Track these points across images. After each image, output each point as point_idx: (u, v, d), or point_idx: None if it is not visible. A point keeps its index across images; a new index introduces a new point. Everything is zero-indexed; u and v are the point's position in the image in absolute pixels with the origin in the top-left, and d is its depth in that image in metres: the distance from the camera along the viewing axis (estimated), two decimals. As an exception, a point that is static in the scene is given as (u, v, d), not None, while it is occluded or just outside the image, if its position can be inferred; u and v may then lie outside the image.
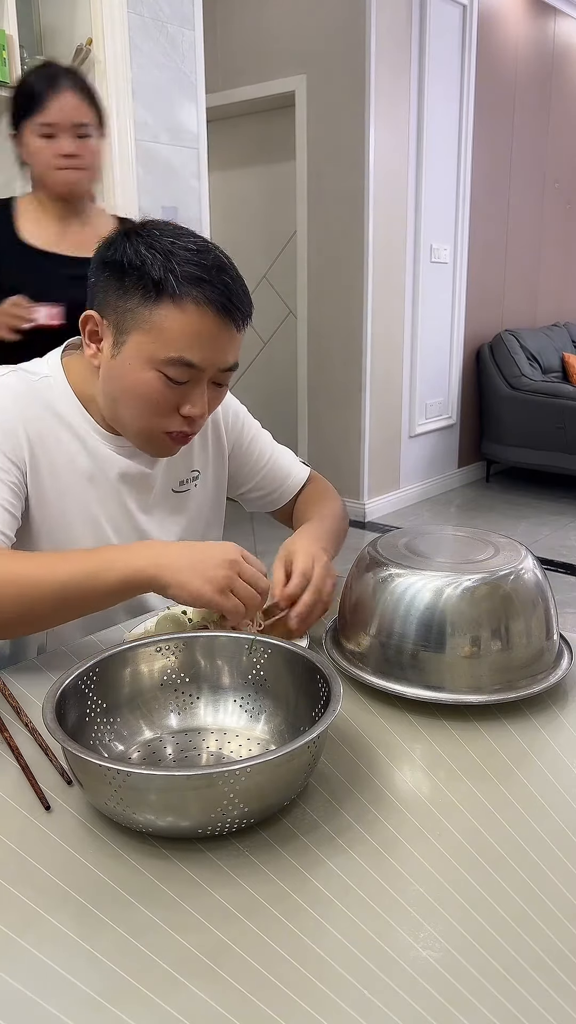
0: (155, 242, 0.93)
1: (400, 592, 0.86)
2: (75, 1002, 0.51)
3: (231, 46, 4.10)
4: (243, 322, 0.97)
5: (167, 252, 0.91)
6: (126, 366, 0.95)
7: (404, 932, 0.57)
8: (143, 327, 0.93)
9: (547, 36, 4.78)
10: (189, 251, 0.92)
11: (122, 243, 0.94)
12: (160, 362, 0.93)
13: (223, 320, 0.93)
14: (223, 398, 1.05)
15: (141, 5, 2.52)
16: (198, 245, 0.94)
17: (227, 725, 0.82)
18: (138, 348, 0.94)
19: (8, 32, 2.17)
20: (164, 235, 0.94)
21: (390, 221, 3.97)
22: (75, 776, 0.70)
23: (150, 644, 0.84)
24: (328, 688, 0.72)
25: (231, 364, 0.98)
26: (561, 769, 0.76)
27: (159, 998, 0.52)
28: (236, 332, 0.96)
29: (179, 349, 0.92)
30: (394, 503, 4.38)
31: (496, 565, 0.88)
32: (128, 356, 0.95)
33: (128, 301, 0.93)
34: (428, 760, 0.78)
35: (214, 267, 0.93)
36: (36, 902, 0.60)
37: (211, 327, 0.93)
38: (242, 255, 4.89)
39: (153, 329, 0.92)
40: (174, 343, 0.92)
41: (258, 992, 0.52)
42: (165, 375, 0.94)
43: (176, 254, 0.91)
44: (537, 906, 0.59)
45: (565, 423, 4.34)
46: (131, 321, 0.93)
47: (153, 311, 0.92)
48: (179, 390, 0.96)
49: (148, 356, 0.93)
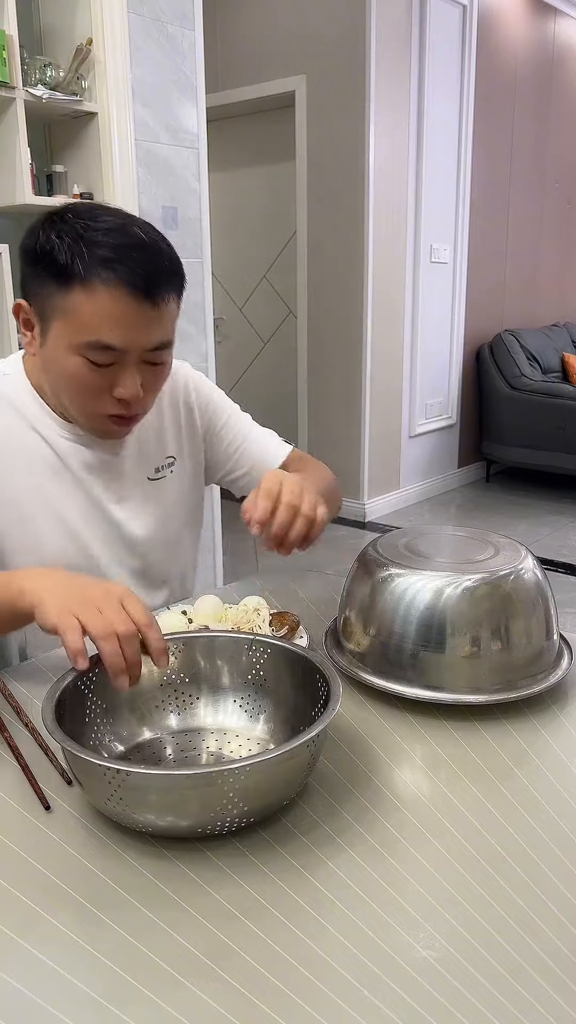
0: (67, 227, 0.91)
1: (400, 592, 0.86)
2: (75, 1002, 0.51)
3: (231, 46, 4.10)
4: (165, 298, 0.93)
5: (77, 236, 0.90)
6: (53, 353, 0.95)
7: (404, 932, 0.57)
8: (59, 314, 0.92)
9: (547, 36, 4.78)
10: (101, 231, 0.90)
11: (38, 229, 0.93)
12: (79, 347, 0.92)
13: (138, 299, 0.90)
14: (163, 378, 1.01)
15: (141, 5, 2.52)
16: (113, 225, 0.92)
17: (227, 725, 0.82)
18: (59, 335, 0.93)
19: (8, 32, 2.17)
20: (78, 218, 0.92)
21: (390, 221, 3.96)
22: (75, 776, 0.70)
23: None
24: (327, 687, 0.72)
25: (157, 342, 0.95)
26: (561, 769, 0.76)
27: (159, 998, 0.52)
28: (156, 309, 0.92)
29: (95, 333, 0.91)
30: (394, 503, 4.38)
31: (496, 565, 0.88)
32: (52, 343, 0.94)
33: (44, 288, 0.92)
34: (428, 760, 0.78)
35: (126, 246, 0.90)
36: (36, 902, 0.60)
37: (125, 308, 0.90)
38: (242, 255, 4.90)
39: (68, 315, 0.91)
40: (89, 327, 0.90)
41: (258, 992, 0.52)
42: (88, 359, 0.92)
43: (86, 237, 0.89)
44: (537, 906, 0.59)
45: (565, 423, 4.34)
46: (49, 308, 0.93)
47: (66, 297, 0.90)
48: (107, 373, 0.94)
49: (68, 342, 0.92)
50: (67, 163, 2.58)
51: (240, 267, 4.58)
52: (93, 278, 0.89)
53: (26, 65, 2.31)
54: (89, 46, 2.40)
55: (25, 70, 2.30)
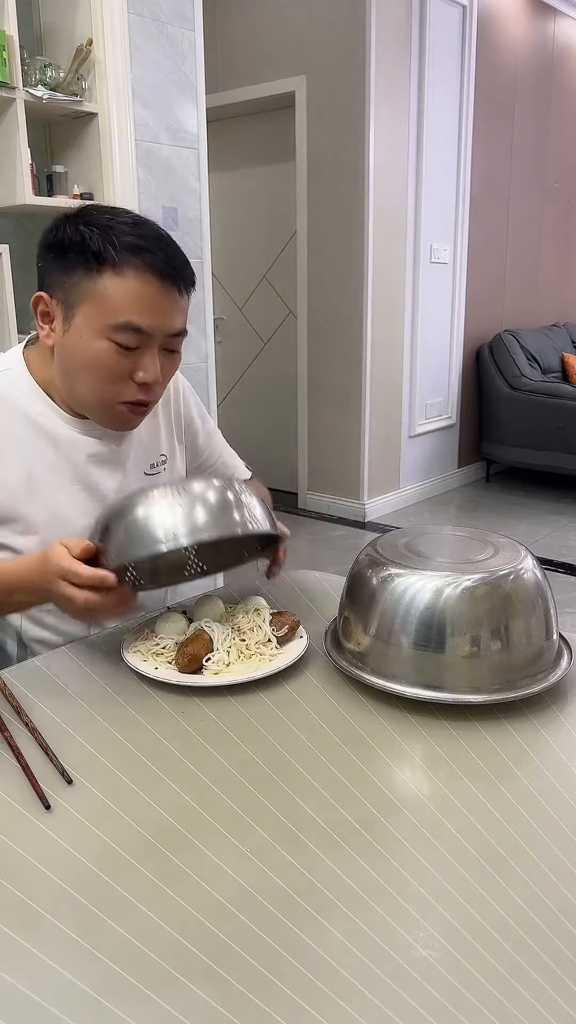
0: (92, 219, 0.96)
1: (400, 592, 0.86)
2: (75, 1002, 0.52)
3: (231, 46, 4.10)
4: (186, 288, 0.99)
5: (105, 227, 0.95)
6: (78, 339, 0.98)
7: (404, 932, 0.57)
8: (89, 298, 0.95)
9: (547, 36, 4.78)
10: (126, 224, 0.96)
11: (63, 225, 0.98)
12: (108, 329, 0.95)
13: (165, 284, 0.96)
14: (177, 366, 1.06)
15: (141, 5, 2.52)
16: (135, 219, 0.98)
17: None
18: (87, 319, 0.96)
19: (8, 32, 2.17)
20: (101, 213, 0.98)
21: (390, 221, 3.97)
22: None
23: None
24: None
25: (179, 329, 1.00)
26: (561, 769, 0.76)
27: (159, 998, 0.52)
28: (180, 297, 0.99)
29: (125, 314, 0.95)
30: (394, 503, 4.38)
31: (496, 565, 0.88)
32: (78, 329, 0.97)
33: (72, 276, 0.96)
34: (428, 760, 0.78)
35: (152, 236, 0.96)
36: (36, 902, 0.60)
37: (154, 291, 0.95)
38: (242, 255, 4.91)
39: (98, 298, 0.95)
40: (120, 309, 0.95)
41: (258, 992, 0.52)
42: (115, 343, 0.96)
43: (114, 227, 0.95)
44: (537, 906, 0.59)
45: (565, 423, 4.34)
46: (77, 295, 0.96)
47: (96, 281, 0.95)
48: (131, 357, 0.98)
49: (97, 326, 0.96)
50: (67, 163, 2.58)
51: (240, 267, 4.58)
52: (124, 263, 0.94)
53: (26, 65, 2.31)
54: (89, 46, 2.40)
55: (25, 70, 2.30)
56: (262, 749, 0.79)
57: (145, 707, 0.86)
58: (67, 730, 0.82)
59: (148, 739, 0.81)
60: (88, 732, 0.82)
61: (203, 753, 0.79)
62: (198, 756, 0.79)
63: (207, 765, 0.77)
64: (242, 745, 0.80)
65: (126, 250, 0.94)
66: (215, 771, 0.76)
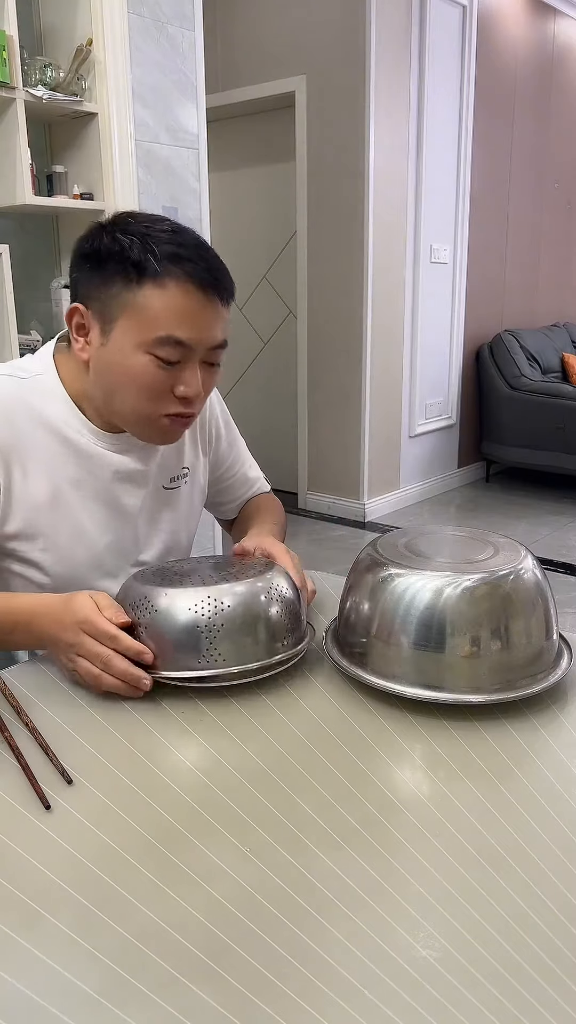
0: (130, 228, 0.93)
1: (400, 592, 0.86)
2: (75, 1002, 0.51)
3: (231, 46, 4.10)
4: (227, 298, 0.96)
5: (143, 235, 0.92)
6: (116, 353, 0.95)
7: (404, 932, 0.57)
8: (129, 311, 0.93)
9: (547, 36, 4.78)
10: (165, 232, 0.93)
11: (99, 234, 0.95)
12: (149, 343, 0.93)
13: (207, 295, 0.93)
14: (217, 379, 1.03)
15: (141, 5, 2.52)
16: (173, 227, 0.95)
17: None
18: (126, 333, 0.93)
19: (8, 32, 2.17)
20: (139, 222, 0.95)
21: (390, 221, 3.97)
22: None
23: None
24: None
25: (220, 341, 0.97)
26: (561, 769, 0.76)
27: (159, 998, 0.52)
28: (221, 307, 0.95)
29: (167, 328, 0.92)
30: (394, 503, 4.38)
31: (496, 565, 0.88)
32: (117, 343, 0.94)
33: (111, 288, 0.93)
34: (428, 760, 0.78)
35: (192, 245, 0.93)
36: (36, 902, 0.60)
37: (195, 303, 0.92)
38: (242, 255, 4.90)
39: (139, 311, 0.92)
40: (161, 322, 0.92)
41: (258, 992, 0.52)
42: (156, 356, 0.93)
43: (153, 236, 0.92)
44: (537, 906, 0.59)
45: (565, 423, 4.34)
46: (116, 307, 0.93)
47: (136, 293, 0.92)
48: (172, 371, 0.95)
49: (137, 339, 0.93)
50: (67, 163, 2.58)
51: (240, 267, 4.58)
52: (165, 274, 0.91)
53: (26, 65, 2.31)
54: (89, 46, 2.40)
55: (25, 70, 2.30)
56: (262, 749, 0.79)
57: (145, 707, 0.86)
58: (67, 730, 0.82)
59: (148, 739, 0.81)
60: (88, 732, 0.82)
61: (203, 753, 0.79)
62: (198, 756, 0.79)
63: (207, 765, 0.77)
64: (242, 745, 0.80)
65: (167, 259, 0.91)
66: (215, 771, 0.76)
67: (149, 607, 0.89)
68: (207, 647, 0.87)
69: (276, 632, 0.91)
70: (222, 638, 0.87)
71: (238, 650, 0.88)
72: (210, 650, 0.87)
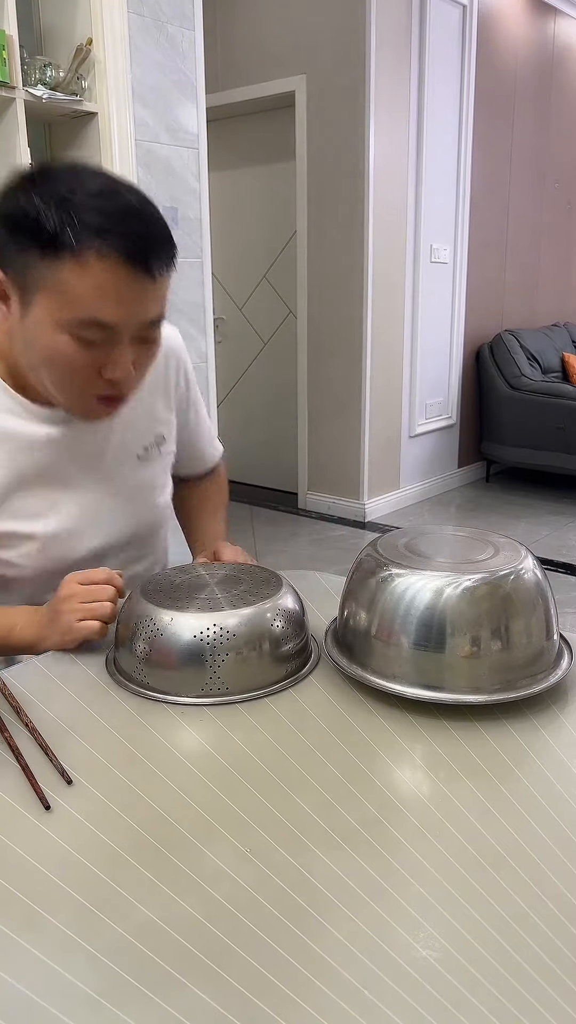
0: (51, 189, 0.82)
1: (400, 592, 0.86)
2: (75, 1002, 0.51)
3: (231, 46, 4.10)
4: (162, 269, 0.87)
5: (62, 200, 0.81)
6: (36, 329, 0.87)
7: (404, 932, 0.57)
8: (46, 287, 0.84)
9: (547, 36, 4.78)
10: (90, 196, 0.82)
11: (16, 191, 0.84)
12: (68, 324, 0.85)
13: (134, 271, 0.83)
14: (154, 355, 0.95)
15: (141, 5, 2.52)
16: (102, 188, 0.84)
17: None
18: (45, 310, 0.85)
19: (8, 32, 2.17)
20: (62, 182, 0.83)
21: (390, 221, 3.97)
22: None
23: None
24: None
25: (153, 318, 0.89)
26: (561, 769, 0.76)
27: (159, 998, 0.52)
28: (154, 282, 0.86)
29: (87, 309, 0.84)
30: (394, 503, 4.38)
31: (496, 565, 0.87)
32: (36, 319, 0.86)
33: (27, 257, 0.83)
34: (428, 760, 0.78)
35: (118, 212, 0.83)
36: (36, 902, 0.60)
37: (120, 281, 0.83)
38: (242, 255, 4.90)
39: (56, 289, 0.83)
40: (81, 303, 0.83)
41: (258, 992, 0.52)
42: (77, 337, 0.86)
43: (73, 202, 0.81)
44: (537, 906, 0.59)
45: (565, 423, 4.34)
46: (32, 280, 0.84)
47: (53, 269, 0.82)
48: (97, 351, 0.87)
49: (55, 318, 0.85)
50: (67, 163, 2.57)
51: (240, 267, 4.58)
52: (85, 250, 0.81)
53: (26, 65, 2.31)
54: (89, 46, 2.40)
55: (25, 70, 2.30)
56: (262, 749, 0.79)
57: (145, 707, 0.86)
58: (67, 730, 0.82)
59: (148, 739, 0.81)
60: (88, 732, 0.82)
61: (203, 753, 0.79)
62: (198, 756, 0.79)
63: (207, 765, 0.77)
64: (242, 745, 0.80)
65: (89, 232, 0.80)
66: (215, 771, 0.76)
67: (153, 629, 0.88)
68: (211, 675, 0.87)
69: (282, 657, 0.91)
70: (227, 666, 0.87)
71: (242, 677, 0.88)
72: (213, 678, 0.87)
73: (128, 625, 0.91)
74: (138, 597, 0.92)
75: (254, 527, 4.03)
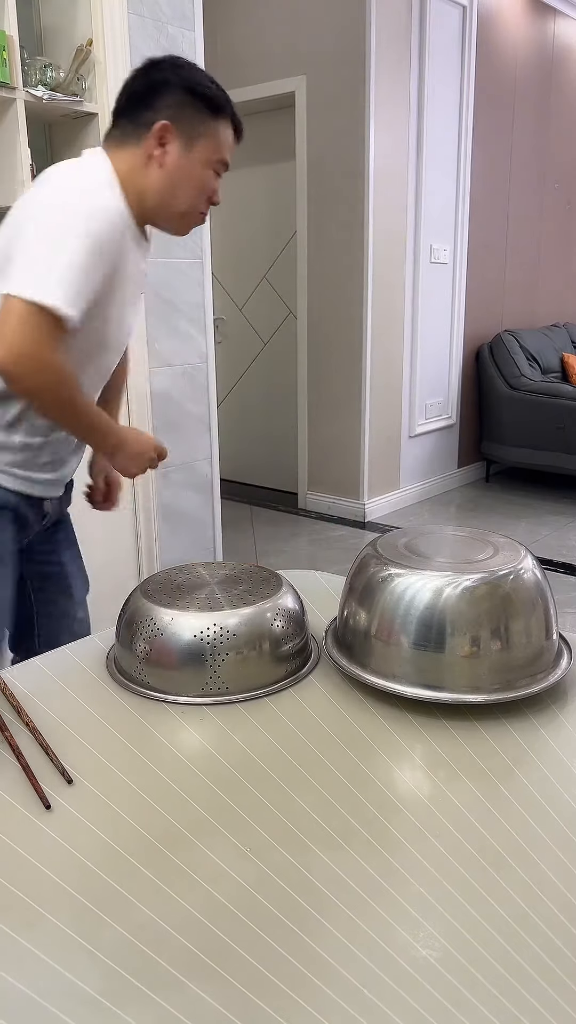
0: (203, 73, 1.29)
1: (400, 592, 0.86)
2: (75, 1002, 0.52)
3: (231, 46, 4.10)
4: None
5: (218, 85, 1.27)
6: (194, 164, 1.26)
7: (404, 931, 0.57)
8: (208, 135, 1.25)
9: (547, 36, 4.78)
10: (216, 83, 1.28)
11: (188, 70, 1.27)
12: (215, 162, 1.28)
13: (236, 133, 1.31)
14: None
15: (141, 5, 2.52)
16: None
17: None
18: (203, 151, 1.26)
19: (8, 32, 2.17)
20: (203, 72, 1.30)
21: (390, 221, 3.97)
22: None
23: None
24: None
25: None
26: (561, 769, 0.76)
27: (159, 998, 0.52)
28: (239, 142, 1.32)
29: (225, 153, 1.29)
30: (394, 503, 4.38)
31: (496, 565, 0.88)
32: (197, 156, 1.26)
33: (198, 115, 1.25)
34: (428, 760, 0.78)
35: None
36: (36, 902, 0.60)
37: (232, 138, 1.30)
38: (242, 255, 4.88)
39: (214, 137, 1.26)
40: (224, 148, 1.28)
41: (258, 991, 0.52)
42: (215, 172, 1.28)
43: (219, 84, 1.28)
44: (537, 906, 0.59)
45: (565, 423, 4.34)
46: (198, 131, 1.25)
47: (214, 125, 1.26)
48: (214, 183, 1.30)
49: (209, 157, 1.27)
50: (67, 163, 2.57)
51: (240, 267, 4.58)
52: (228, 116, 1.28)
53: (26, 65, 2.31)
54: (89, 46, 2.40)
55: (25, 70, 2.30)
56: (262, 749, 0.79)
57: (145, 707, 0.86)
58: (67, 730, 0.82)
59: (148, 739, 0.81)
60: (88, 732, 0.82)
61: (203, 753, 0.79)
62: (198, 756, 0.79)
63: (207, 765, 0.77)
64: (242, 744, 0.80)
65: (229, 105, 1.27)
66: (215, 771, 0.76)
67: (154, 629, 0.89)
68: (211, 675, 0.87)
69: (282, 657, 0.91)
70: (227, 666, 0.87)
71: (243, 676, 0.88)
72: (213, 678, 0.87)
73: (128, 625, 0.91)
74: (138, 597, 0.93)
75: (254, 527, 4.03)
